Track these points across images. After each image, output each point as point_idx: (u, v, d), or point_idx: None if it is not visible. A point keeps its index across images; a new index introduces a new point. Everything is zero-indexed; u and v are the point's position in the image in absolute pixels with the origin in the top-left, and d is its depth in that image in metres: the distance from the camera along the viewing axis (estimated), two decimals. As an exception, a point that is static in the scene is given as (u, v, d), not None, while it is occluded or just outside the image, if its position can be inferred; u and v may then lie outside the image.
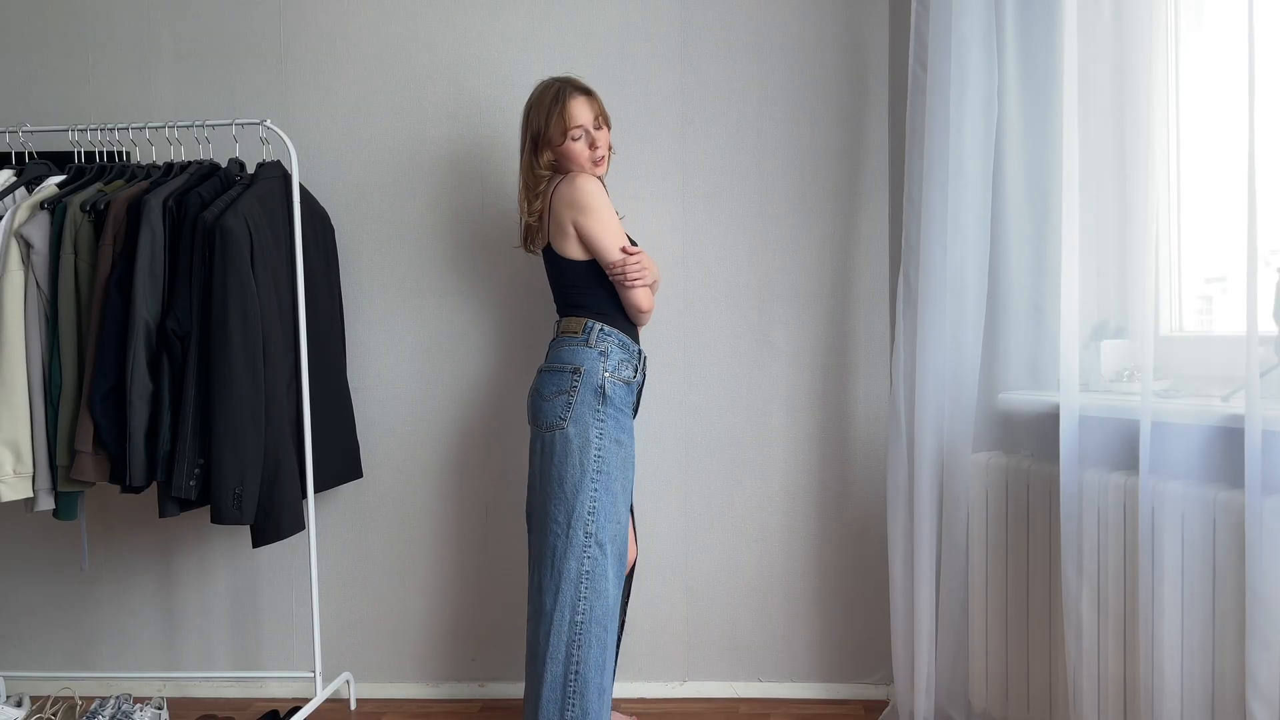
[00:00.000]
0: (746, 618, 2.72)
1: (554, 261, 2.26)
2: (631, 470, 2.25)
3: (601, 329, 2.22)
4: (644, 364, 2.29)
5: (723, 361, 2.69)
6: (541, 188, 2.24)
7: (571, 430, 2.15)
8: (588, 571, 2.15)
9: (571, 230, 2.20)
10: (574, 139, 2.20)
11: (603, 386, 2.18)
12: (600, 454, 2.17)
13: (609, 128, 2.28)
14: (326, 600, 2.75)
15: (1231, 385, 1.71)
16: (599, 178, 2.25)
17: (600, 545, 2.16)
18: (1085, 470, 1.83)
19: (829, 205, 2.66)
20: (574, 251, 2.22)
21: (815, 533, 2.70)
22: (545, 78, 2.28)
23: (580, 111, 2.20)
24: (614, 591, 2.18)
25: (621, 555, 2.20)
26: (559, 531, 2.16)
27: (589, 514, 2.15)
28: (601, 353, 2.20)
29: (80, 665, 2.83)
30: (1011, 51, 2.10)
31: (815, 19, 2.63)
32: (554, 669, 2.14)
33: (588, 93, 2.23)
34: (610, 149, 2.29)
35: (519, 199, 2.28)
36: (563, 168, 2.24)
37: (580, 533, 2.15)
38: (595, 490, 2.16)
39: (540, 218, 2.25)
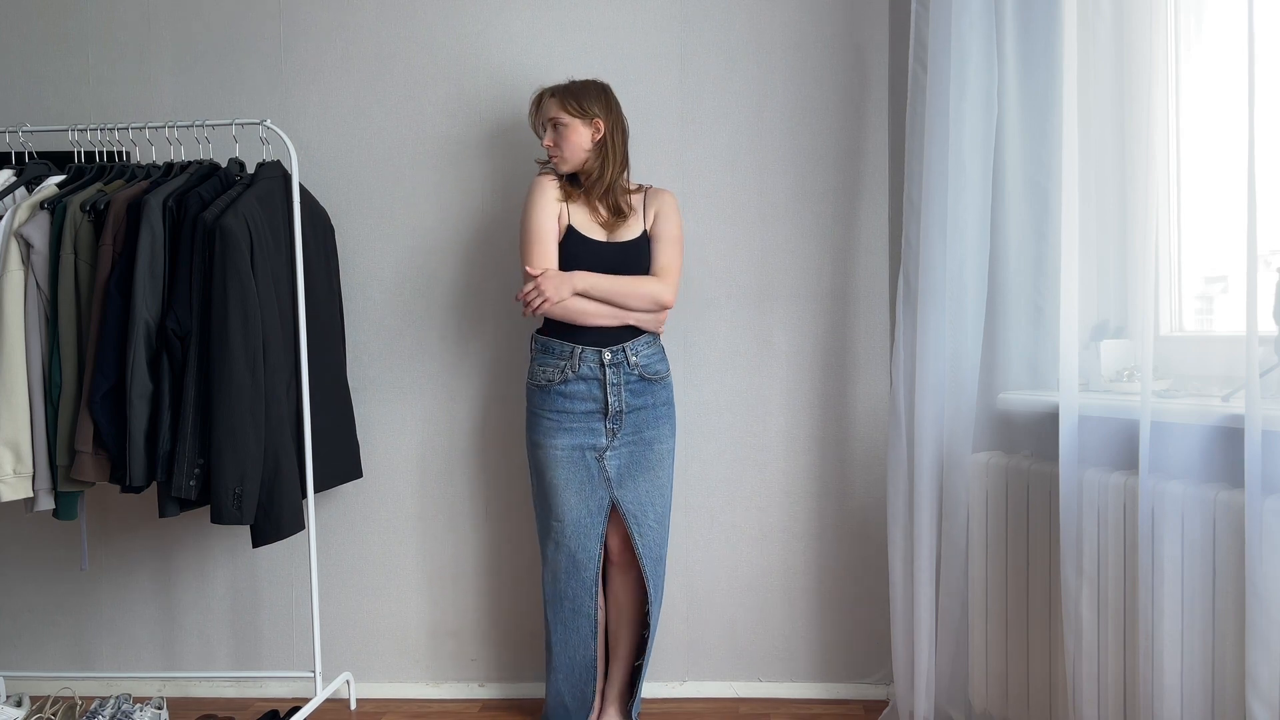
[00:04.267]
0: (746, 618, 2.72)
1: None
2: (560, 470, 2.36)
3: (535, 333, 2.41)
4: (579, 362, 2.34)
5: (723, 361, 2.69)
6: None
7: (527, 428, 2.44)
8: (543, 556, 2.43)
9: None
10: (540, 132, 2.38)
11: (529, 390, 2.41)
12: (528, 453, 2.44)
13: (589, 122, 2.34)
14: (326, 600, 2.75)
15: (1231, 385, 1.71)
16: (560, 175, 2.39)
17: (540, 535, 2.44)
18: (1085, 470, 1.83)
19: (829, 205, 2.66)
20: None
21: (815, 533, 2.70)
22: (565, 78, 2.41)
23: (543, 108, 2.36)
24: (559, 578, 2.39)
25: (563, 547, 2.37)
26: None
27: (534, 507, 2.46)
28: (532, 357, 2.41)
29: (80, 665, 2.83)
30: (1011, 51, 2.10)
31: (815, 19, 2.63)
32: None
33: (555, 93, 2.35)
34: (602, 152, 2.36)
35: None
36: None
37: (537, 520, 2.46)
38: (531, 485, 2.46)
39: None
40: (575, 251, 2.35)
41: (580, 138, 2.34)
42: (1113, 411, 1.83)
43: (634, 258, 2.37)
